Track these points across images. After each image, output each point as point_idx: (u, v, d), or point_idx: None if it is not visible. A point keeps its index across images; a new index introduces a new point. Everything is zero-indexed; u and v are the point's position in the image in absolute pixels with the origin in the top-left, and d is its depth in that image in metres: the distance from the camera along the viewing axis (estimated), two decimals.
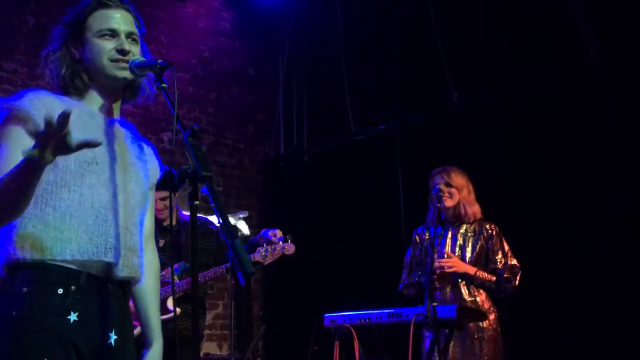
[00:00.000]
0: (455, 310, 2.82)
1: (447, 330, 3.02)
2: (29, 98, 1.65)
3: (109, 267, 1.65)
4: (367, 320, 3.02)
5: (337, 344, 3.06)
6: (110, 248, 1.64)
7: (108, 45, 1.73)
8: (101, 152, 1.68)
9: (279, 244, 3.45)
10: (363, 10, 5.90)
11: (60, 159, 1.59)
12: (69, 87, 1.75)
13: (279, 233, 3.48)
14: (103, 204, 1.65)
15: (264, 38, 6.79)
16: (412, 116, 5.40)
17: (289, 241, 3.47)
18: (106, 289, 1.65)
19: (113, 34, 1.74)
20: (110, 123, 1.77)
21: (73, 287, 1.58)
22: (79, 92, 1.76)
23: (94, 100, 1.77)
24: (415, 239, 3.54)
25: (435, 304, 2.82)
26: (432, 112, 5.27)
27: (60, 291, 1.57)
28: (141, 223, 1.80)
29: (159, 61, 1.68)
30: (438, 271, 3.18)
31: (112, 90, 1.79)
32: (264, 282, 6.31)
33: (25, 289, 1.55)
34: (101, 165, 1.67)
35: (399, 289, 3.52)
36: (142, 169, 1.82)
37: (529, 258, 4.34)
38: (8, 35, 5.14)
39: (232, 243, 1.47)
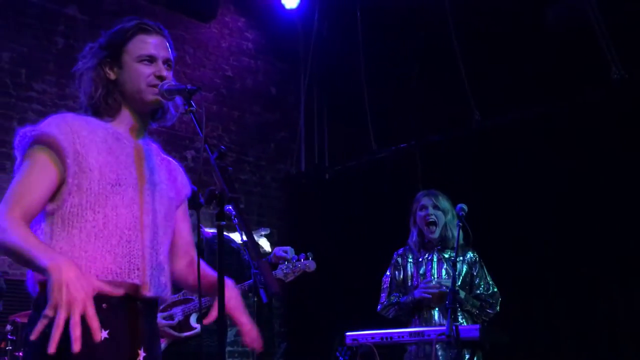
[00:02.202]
0: (478, 330, 2.81)
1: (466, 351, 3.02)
2: (57, 123, 1.68)
3: (137, 286, 1.68)
4: (390, 339, 3.03)
5: None
6: (134, 269, 1.66)
7: (147, 71, 1.77)
8: (124, 174, 1.71)
9: (300, 261, 3.45)
10: (384, 29, 5.95)
11: (84, 182, 1.64)
12: (100, 107, 1.78)
13: (291, 251, 3.48)
14: (127, 225, 1.67)
15: (286, 57, 6.90)
16: (434, 135, 5.42)
17: (310, 259, 3.47)
18: (135, 306, 1.68)
19: (151, 59, 1.79)
20: (136, 144, 1.80)
21: (104, 305, 1.61)
22: (109, 113, 1.79)
23: (123, 122, 1.81)
24: (397, 260, 3.52)
25: (458, 323, 2.82)
26: (454, 131, 5.27)
27: None
28: (169, 242, 1.82)
29: (188, 85, 1.73)
30: (437, 291, 3.18)
31: (143, 113, 1.83)
32: (285, 300, 6.32)
33: None
34: (124, 187, 1.69)
35: (378, 310, 3.49)
36: (168, 188, 1.85)
37: (564, 278, 4.31)
38: (38, 56, 5.29)
39: (259, 262, 1.50)
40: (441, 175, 4.93)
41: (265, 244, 5.86)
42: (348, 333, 3.22)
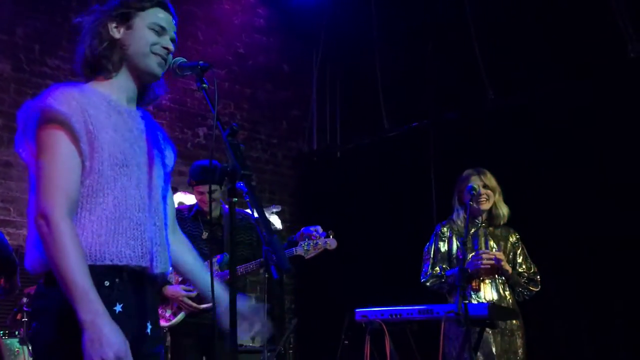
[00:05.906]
0: (487, 309, 2.83)
1: (477, 329, 3.04)
2: (66, 100, 1.64)
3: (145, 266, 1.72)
4: (399, 316, 3.05)
5: (368, 338, 3.09)
6: (146, 252, 1.68)
7: (154, 38, 1.78)
8: (130, 152, 1.72)
9: (322, 239, 3.46)
10: (398, 6, 5.89)
11: (96, 163, 1.64)
12: (99, 64, 1.76)
13: (320, 229, 3.49)
14: (136, 207, 1.69)
15: (299, 34, 6.85)
16: (446, 114, 5.38)
17: (332, 237, 3.48)
18: (143, 282, 1.73)
19: (161, 32, 1.79)
20: (133, 116, 1.79)
21: (117, 280, 1.65)
22: (105, 73, 1.77)
23: (119, 88, 1.78)
24: (442, 231, 3.49)
25: (467, 301, 2.83)
26: (467, 110, 5.24)
27: (107, 283, 1.64)
28: (166, 215, 1.83)
29: (200, 62, 1.74)
30: (488, 262, 3.20)
31: (138, 80, 1.81)
32: (296, 276, 6.38)
33: None
34: (131, 167, 1.70)
35: (422, 280, 3.49)
36: (162, 160, 1.85)
37: (566, 259, 4.30)
38: (52, 32, 5.30)
39: (269, 238, 1.52)
40: (454, 154, 4.91)
41: (276, 221, 5.90)
42: (358, 310, 3.25)
